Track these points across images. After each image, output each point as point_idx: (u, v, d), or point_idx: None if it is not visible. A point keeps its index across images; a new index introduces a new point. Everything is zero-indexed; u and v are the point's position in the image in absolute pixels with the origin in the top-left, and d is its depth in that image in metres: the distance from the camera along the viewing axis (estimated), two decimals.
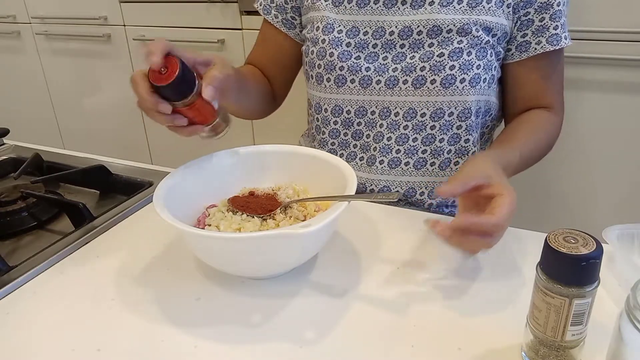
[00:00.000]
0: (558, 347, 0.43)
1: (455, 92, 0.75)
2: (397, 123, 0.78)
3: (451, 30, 0.73)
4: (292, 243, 0.53)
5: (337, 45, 0.78)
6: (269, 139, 1.73)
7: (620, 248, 0.58)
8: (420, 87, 0.76)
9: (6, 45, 2.10)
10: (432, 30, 0.74)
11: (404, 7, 0.75)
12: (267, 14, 0.87)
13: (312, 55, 0.81)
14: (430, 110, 0.76)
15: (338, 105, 0.81)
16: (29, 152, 0.90)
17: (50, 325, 0.53)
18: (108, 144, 2.08)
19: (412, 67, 0.75)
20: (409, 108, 0.77)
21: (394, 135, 0.79)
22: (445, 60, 0.74)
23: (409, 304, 0.53)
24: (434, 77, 0.75)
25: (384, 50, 0.77)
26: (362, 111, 0.80)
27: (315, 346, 0.49)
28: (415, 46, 0.75)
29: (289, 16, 0.86)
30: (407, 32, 0.75)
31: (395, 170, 0.81)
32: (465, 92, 0.75)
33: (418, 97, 0.76)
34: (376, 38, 0.77)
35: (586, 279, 0.40)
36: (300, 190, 0.66)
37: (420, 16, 0.74)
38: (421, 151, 0.79)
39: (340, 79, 0.79)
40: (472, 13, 0.73)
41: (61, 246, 0.64)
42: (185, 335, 0.50)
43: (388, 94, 0.77)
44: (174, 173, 0.62)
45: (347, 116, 0.81)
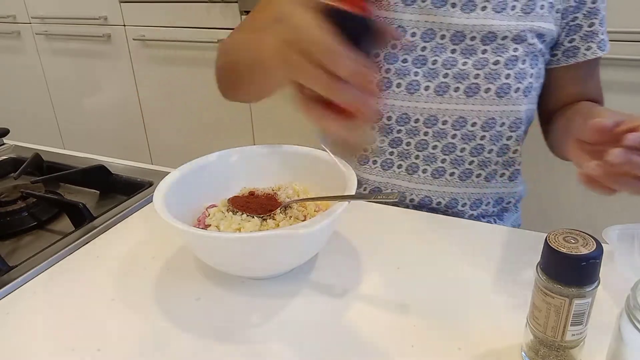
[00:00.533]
0: (558, 347, 0.43)
1: (509, 102, 0.72)
2: (445, 132, 0.74)
3: (506, 37, 0.70)
4: (292, 243, 0.53)
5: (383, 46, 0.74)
6: (269, 139, 1.73)
7: (620, 248, 0.58)
8: (473, 95, 0.72)
9: (6, 45, 2.10)
10: (486, 37, 0.71)
11: (454, 9, 0.71)
12: None
13: None
14: (481, 120, 0.73)
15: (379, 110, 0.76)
16: (29, 152, 0.90)
17: (50, 325, 0.53)
18: (108, 144, 2.08)
19: (465, 74, 0.72)
20: (459, 117, 0.73)
21: (439, 144, 0.75)
22: (500, 68, 0.71)
23: (409, 304, 0.53)
24: (489, 86, 0.71)
25: (433, 54, 0.72)
26: (405, 118, 0.75)
27: (315, 346, 0.49)
28: (467, 52, 0.72)
29: None
30: (459, 37, 0.72)
31: (439, 181, 0.77)
32: (518, 101, 0.73)
33: (470, 105, 0.73)
34: (425, 41, 0.72)
35: (586, 279, 0.40)
36: (300, 190, 0.66)
37: (474, 21, 0.71)
38: (468, 162, 0.76)
39: (384, 83, 0.74)
40: (526, 19, 0.71)
41: (61, 246, 0.64)
42: (185, 335, 0.50)
43: (437, 101, 0.73)
44: (174, 173, 0.62)
45: (387, 122, 0.76)
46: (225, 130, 1.78)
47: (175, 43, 1.73)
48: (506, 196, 0.80)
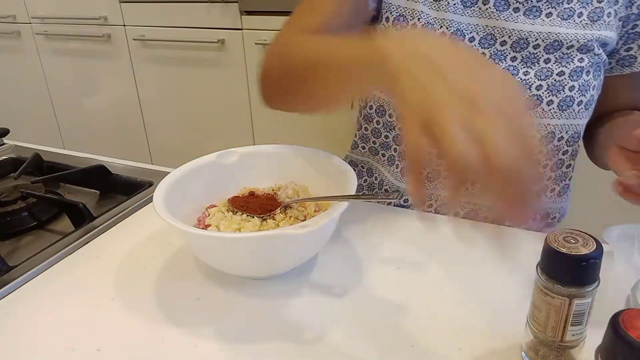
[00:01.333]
0: (558, 347, 0.43)
1: (570, 115, 0.68)
2: None
3: (572, 46, 0.66)
4: (292, 243, 0.53)
5: None
6: (269, 139, 1.73)
7: (620, 248, 0.58)
8: (534, 107, 0.68)
9: (6, 45, 2.10)
10: (551, 45, 0.66)
11: (517, 14, 0.67)
12: None
13: None
14: (541, 133, 0.69)
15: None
16: (29, 152, 0.90)
17: (50, 325, 0.53)
18: (108, 144, 2.08)
19: (526, 84, 0.67)
20: None
21: None
22: (565, 79, 0.66)
23: (409, 304, 0.53)
24: (552, 98, 0.67)
25: (492, 62, 0.68)
26: None
27: (315, 346, 0.49)
28: (529, 60, 0.68)
29: None
30: (521, 44, 0.67)
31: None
32: (580, 115, 0.68)
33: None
34: (484, 47, 0.68)
35: (586, 279, 0.40)
36: (300, 190, 0.66)
37: (539, 27, 0.66)
38: None
39: None
40: (592, 28, 0.66)
41: (61, 246, 0.64)
42: (185, 335, 0.50)
43: None
44: (174, 173, 0.62)
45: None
46: (225, 130, 1.78)
47: (175, 43, 1.73)
48: (552, 212, 0.78)
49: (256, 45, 1.59)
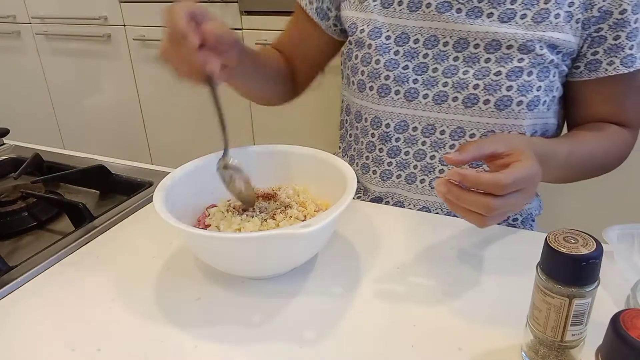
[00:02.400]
0: (558, 347, 0.43)
1: (510, 115, 0.68)
2: (443, 142, 0.72)
3: (511, 46, 0.67)
4: (292, 243, 0.53)
5: (384, 52, 0.71)
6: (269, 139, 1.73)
7: (620, 248, 0.58)
8: (471, 106, 0.69)
9: (6, 45, 2.10)
10: (490, 45, 0.67)
11: (459, 15, 0.68)
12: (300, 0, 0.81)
13: (356, 60, 0.74)
14: (480, 132, 0.70)
15: (377, 117, 0.74)
16: (29, 152, 0.90)
17: (50, 325, 0.53)
18: (108, 144, 2.08)
19: (464, 83, 0.69)
20: (457, 127, 0.71)
21: (437, 154, 0.73)
22: (502, 79, 0.67)
23: (409, 304, 0.53)
24: (488, 97, 0.68)
25: (434, 62, 0.70)
26: (403, 126, 0.73)
27: (315, 346, 0.49)
28: (469, 60, 0.69)
29: (324, 6, 0.79)
30: (462, 44, 0.69)
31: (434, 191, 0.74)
32: (521, 115, 0.68)
33: (468, 116, 0.70)
34: (427, 47, 0.70)
35: (586, 279, 0.40)
36: (300, 190, 0.66)
37: (478, 27, 0.68)
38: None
39: (383, 89, 0.72)
40: (536, 29, 0.66)
41: (61, 246, 0.64)
42: (185, 335, 0.50)
43: (435, 110, 0.71)
44: (174, 173, 0.62)
45: (385, 130, 0.74)
46: None
47: None
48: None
49: (256, 45, 1.59)
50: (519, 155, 0.52)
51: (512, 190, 0.49)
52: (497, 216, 0.51)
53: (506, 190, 0.49)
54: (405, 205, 0.77)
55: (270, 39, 1.55)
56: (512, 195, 0.50)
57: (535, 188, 0.54)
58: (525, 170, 0.50)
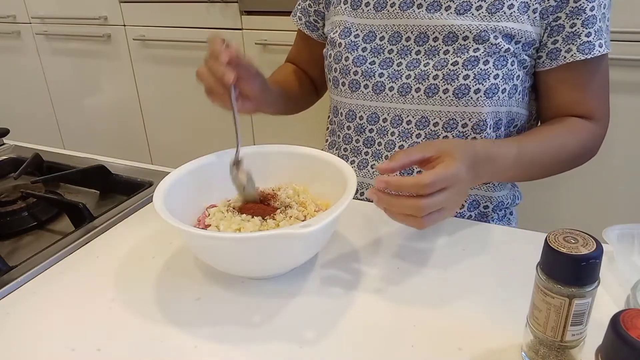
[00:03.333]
0: (558, 347, 0.43)
1: (469, 103, 0.71)
2: (409, 131, 0.76)
3: (467, 37, 0.70)
4: (292, 243, 0.53)
5: (352, 50, 0.77)
6: (269, 139, 1.73)
7: (620, 248, 0.58)
8: (432, 95, 0.73)
9: (6, 45, 2.10)
10: (447, 37, 0.71)
11: (420, 10, 0.73)
12: (294, 16, 0.90)
13: (330, 59, 0.80)
14: (442, 120, 0.73)
15: (352, 110, 0.80)
16: (29, 152, 0.90)
17: (50, 325, 0.53)
18: (108, 144, 2.08)
19: (425, 75, 0.73)
20: (421, 117, 0.74)
21: (405, 143, 0.77)
22: (459, 69, 0.70)
23: (409, 304, 0.53)
24: (447, 87, 0.71)
25: (399, 56, 0.75)
26: (375, 118, 0.78)
27: (315, 346, 0.49)
28: (430, 53, 0.73)
29: (311, 19, 0.87)
30: (422, 38, 0.73)
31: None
32: (480, 103, 0.71)
33: (430, 106, 0.73)
34: (392, 43, 0.75)
35: (586, 279, 0.40)
36: (300, 190, 0.66)
37: (436, 21, 0.72)
38: None
39: (354, 84, 0.78)
40: (491, 19, 0.69)
41: (61, 246, 0.64)
42: (185, 335, 0.50)
43: (400, 102, 0.75)
44: (174, 173, 0.62)
45: (359, 122, 0.79)
46: (225, 130, 1.78)
47: (175, 43, 1.73)
48: (481, 199, 0.79)
49: (256, 45, 1.59)
50: (444, 157, 0.55)
51: (435, 189, 0.53)
52: (432, 216, 0.54)
53: (428, 189, 0.52)
54: None
55: (270, 39, 1.55)
56: (439, 194, 0.53)
57: (465, 185, 0.58)
58: (446, 169, 0.54)
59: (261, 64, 0.73)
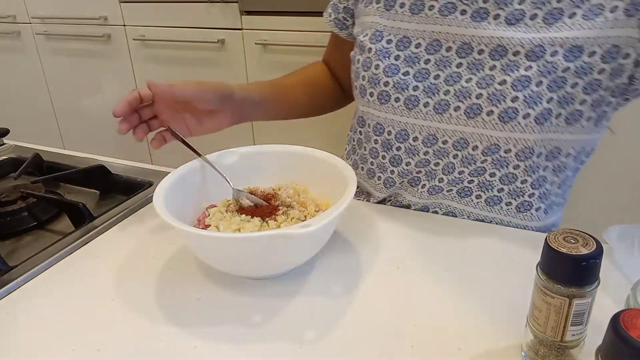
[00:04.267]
0: (558, 347, 0.43)
1: (515, 129, 0.62)
2: (446, 151, 0.67)
3: (518, 52, 0.60)
4: (292, 243, 0.53)
5: (383, 57, 0.68)
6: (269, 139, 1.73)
7: (620, 248, 0.58)
8: (474, 117, 0.63)
9: (6, 45, 2.10)
10: (495, 51, 0.62)
11: (464, 17, 0.63)
12: (326, 11, 0.83)
13: (358, 65, 0.72)
14: (483, 145, 0.64)
15: (380, 124, 0.71)
16: (29, 152, 0.90)
17: (50, 325, 0.53)
18: (108, 144, 2.08)
19: (466, 92, 0.64)
20: (459, 138, 0.65)
21: (441, 161, 0.68)
22: (507, 89, 0.61)
23: (409, 304, 0.53)
24: (492, 108, 0.62)
25: (436, 68, 0.66)
26: (404, 135, 0.69)
27: (315, 346, 0.49)
28: (473, 67, 0.63)
29: (340, 16, 0.80)
30: (465, 50, 0.64)
31: (436, 196, 0.71)
32: (529, 129, 0.61)
33: (471, 127, 0.64)
34: (429, 53, 0.66)
35: (586, 279, 0.40)
36: (301, 190, 0.66)
37: (482, 32, 0.62)
38: (467, 181, 0.68)
39: (383, 95, 0.69)
40: (548, 30, 0.59)
41: (61, 246, 0.64)
42: (185, 335, 0.50)
43: (436, 120, 0.66)
44: (174, 173, 0.62)
45: (387, 137, 0.71)
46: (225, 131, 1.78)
47: (175, 43, 1.73)
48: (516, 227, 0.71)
49: (256, 45, 1.59)
50: None
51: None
52: None
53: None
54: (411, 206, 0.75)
55: (270, 39, 1.55)
56: None
57: None
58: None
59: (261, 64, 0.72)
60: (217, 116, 0.72)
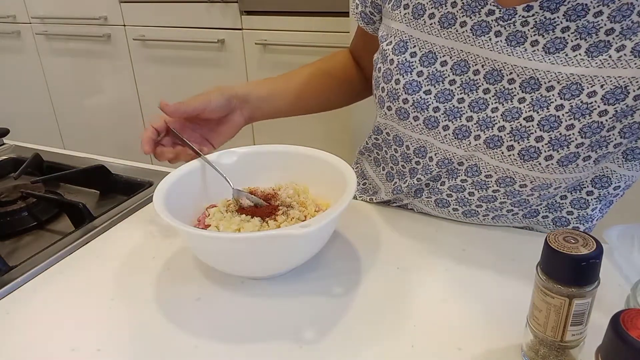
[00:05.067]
0: (558, 347, 0.43)
1: (535, 168, 0.57)
2: (457, 173, 0.64)
3: (552, 87, 0.54)
4: (292, 243, 0.53)
5: (405, 72, 0.62)
6: (269, 139, 1.73)
7: (620, 248, 0.58)
8: (493, 148, 0.58)
9: (6, 45, 2.10)
10: (527, 82, 0.56)
11: (497, 40, 0.57)
12: (352, 1, 0.78)
13: (379, 74, 0.67)
14: (498, 175, 0.60)
15: (398, 137, 0.67)
16: (29, 152, 0.90)
17: (50, 325, 0.53)
18: (108, 144, 2.08)
19: (490, 122, 0.58)
20: (474, 164, 0.62)
21: (453, 182, 0.65)
22: (532, 127, 0.55)
23: (409, 304, 0.53)
24: (513, 144, 0.57)
25: (461, 91, 0.60)
26: (422, 152, 0.65)
27: (315, 346, 0.49)
28: (501, 96, 0.58)
29: (367, 10, 0.73)
30: (495, 77, 0.58)
31: (442, 210, 0.69)
32: (549, 170, 0.56)
33: (489, 157, 0.60)
34: (455, 73, 0.60)
35: (586, 279, 0.40)
36: (300, 190, 0.66)
37: (516, 60, 0.56)
38: (475, 204, 0.65)
39: (402, 112, 0.64)
40: (589, 64, 0.52)
41: (61, 246, 0.64)
42: (185, 335, 0.50)
43: (454, 145, 0.61)
44: (174, 173, 0.62)
45: (406, 151, 0.67)
46: None
47: (175, 43, 1.73)
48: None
49: (256, 45, 1.59)
50: None
51: None
52: None
53: None
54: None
55: (270, 39, 1.55)
56: None
57: None
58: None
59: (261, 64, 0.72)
60: (229, 120, 0.72)
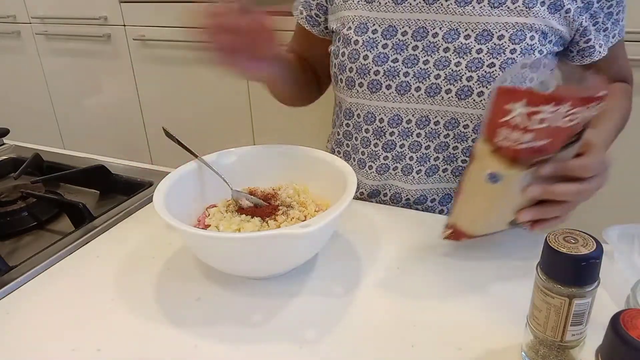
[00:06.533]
0: (558, 347, 0.43)
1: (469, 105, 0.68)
2: (437, 132, 0.72)
3: (503, 36, 0.66)
4: (292, 243, 0.53)
5: (371, 47, 0.71)
6: (269, 139, 1.73)
7: (620, 248, 0.58)
8: (465, 98, 0.68)
9: (6, 45, 2.10)
10: (481, 35, 0.66)
11: (448, 3, 0.67)
12: (295, 9, 0.84)
13: (343, 58, 0.74)
14: (473, 123, 0.70)
15: (371, 113, 0.74)
16: (29, 152, 0.90)
17: (50, 325, 0.53)
18: (108, 144, 2.08)
19: (457, 76, 0.68)
20: (450, 118, 0.70)
21: (432, 144, 0.73)
22: (496, 71, 0.66)
23: (409, 304, 0.53)
24: (482, 89, 0.67)
25: (425, 54, 0.69)
26: (397, 120, 0.73)
27: (315, 346, 0.49)
28: (461, 51, 0.67)
29: (313, 13, 0.81)
30: (452, 35, 0.68)
31: (432, 178, 0.75)
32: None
33: (462, 108, 0.69)
34: (417, 39, 0.69)
35: (586, 279, 0.40)
36: (301, 190, 0.66)
37: (468, 18, 0.67)
38: (461, 160, 0.74)
39: (374, 84, 0.72)
40: (528, 15, 0.65)
41: (61, 246, 0.64)
42: (185, 335, 0.50)
43: (428, 102, 0.70)
44: (174, 173, 0.62)
45: (379, 125, 0.74)
46: (225, 131, 1.78)
47: (175, 43, 1.73)
48: None
49: None
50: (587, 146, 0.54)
51: (595, 173, 0.53)
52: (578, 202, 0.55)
53: (591, 171, 0.53)
54: (403, 196, 0.77)
55: None
56: (594, 179, 0.53)
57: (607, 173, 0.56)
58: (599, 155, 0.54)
59: None
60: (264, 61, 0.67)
